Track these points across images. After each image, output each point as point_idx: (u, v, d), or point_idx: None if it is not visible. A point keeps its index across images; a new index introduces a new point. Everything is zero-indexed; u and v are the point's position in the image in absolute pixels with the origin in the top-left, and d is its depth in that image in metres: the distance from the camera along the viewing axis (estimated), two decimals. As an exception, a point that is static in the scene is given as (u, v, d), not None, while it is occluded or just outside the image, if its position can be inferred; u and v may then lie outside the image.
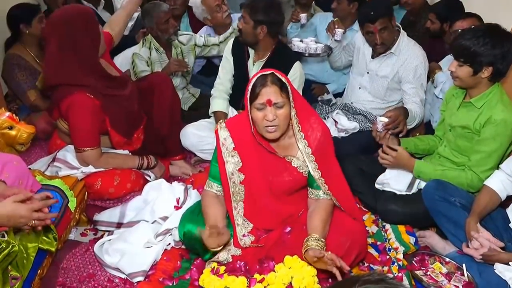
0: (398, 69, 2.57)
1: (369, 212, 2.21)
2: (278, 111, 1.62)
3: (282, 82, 1.62)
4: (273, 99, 1.60)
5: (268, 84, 1.60)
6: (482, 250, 1.74)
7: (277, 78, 1.62)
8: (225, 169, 1.75)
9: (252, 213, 1.79)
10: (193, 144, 2.60)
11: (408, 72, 2.54)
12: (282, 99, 1.61)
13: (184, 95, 3.20)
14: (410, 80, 2.53)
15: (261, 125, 1.63)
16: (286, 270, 1.62)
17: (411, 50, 2.56)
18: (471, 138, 1.98)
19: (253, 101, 1.62)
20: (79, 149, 2.12)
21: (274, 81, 1.61)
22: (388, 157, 2.07)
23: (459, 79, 1.93)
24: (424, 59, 2.57)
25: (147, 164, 2.28)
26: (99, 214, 2.11)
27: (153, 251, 1.88)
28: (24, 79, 2.92)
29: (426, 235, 2.02)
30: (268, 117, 1.60)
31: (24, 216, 1.38)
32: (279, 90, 1.60)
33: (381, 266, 1.87)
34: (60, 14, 2.04)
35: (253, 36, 2.46)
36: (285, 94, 1.62)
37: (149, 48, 2.94)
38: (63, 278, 1.83)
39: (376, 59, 2.65)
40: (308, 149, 1.70)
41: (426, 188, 1.99)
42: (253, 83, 1.62)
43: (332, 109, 2.87)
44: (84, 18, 2.00)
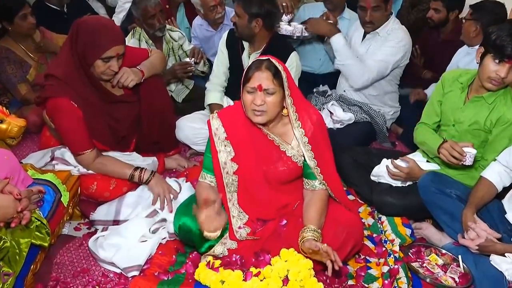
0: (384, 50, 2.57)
1: (365, 204, 2.20)
2: (268, 97, 1.61)
3: (277, 69, 1.61)
4: (263, 85, 1.59)
5: (261, 69, 1.60)
6: (478, 241, 1.74)
7: (272, 64, 1.61)
8: (218, 158, 1.73)
9: (247, 203, 1.78)
10: (187, 137, 2.57)
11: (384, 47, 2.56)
12: (273, 86, 1.60)
13: (178, 87, 3.16)
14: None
15: (249, 108, 1.64)
16: (282, 263, 1.62)
17: (397, 32, 2.58)
18: (478, 135, 1.96)
19: (245, 83, 1.62)
20: (72, 153, 2.09)
21: (268, 67, 1.60)
22: (401, 174, 2.05)
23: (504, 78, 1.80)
24: (406, 42, 2.57)
25: (138, 179, 2.06)
26: (94, 213, 2.06)
27: (148, 245, 1.86)
28: (14, 72, 2.86)
29: (422, 227, 2.02)
30: (256, 101, 1.60)
31: (8, 206, 1.39)
32: (271, 77, 1.60)
33: (377, 258, 1.87)
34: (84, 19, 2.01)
35: (248, 30, 2.43)
36: (277, 81, 1.61)
37: (139, 40, 2.90)
38: (56, 273, 1.82)
39: (364, 41, 2.65)
40: (305, 138, 1.69)
41: (422, 180, 1.98)
42: (249, 65, 1.62)
43: (327, 100, 2.85)
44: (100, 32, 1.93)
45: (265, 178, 1.75)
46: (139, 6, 2.78)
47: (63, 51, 2.02)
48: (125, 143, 2.24)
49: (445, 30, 3.02)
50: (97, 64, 1.95)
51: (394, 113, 2.85)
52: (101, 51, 1.92)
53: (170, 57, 3.02)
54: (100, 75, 1.99)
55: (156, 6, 2.78)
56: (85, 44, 1.92)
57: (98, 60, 1.94)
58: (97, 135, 2.08)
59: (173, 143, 2.51)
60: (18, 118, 2.40)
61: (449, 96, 2.06)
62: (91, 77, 2.00)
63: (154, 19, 2.80)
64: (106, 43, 1.92)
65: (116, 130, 2.15)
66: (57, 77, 1.96)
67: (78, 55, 1.95)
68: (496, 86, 1.84)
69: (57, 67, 2.00)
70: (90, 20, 2.01)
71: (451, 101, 2.05)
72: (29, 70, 2.90)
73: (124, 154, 2.20)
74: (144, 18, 2.80)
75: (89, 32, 1.92)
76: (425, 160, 2.18)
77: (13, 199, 1.43)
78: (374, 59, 2.57)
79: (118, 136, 2.18)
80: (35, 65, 2.93)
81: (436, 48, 2.99)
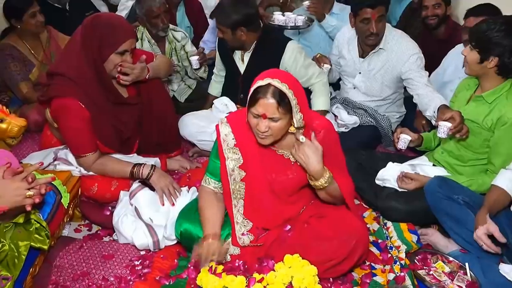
0: (393, 64, 2.52)
1: (370, 209, 2.17)
2: (272, 123, 1.56)
3: (284, 96, 1.53)
4: (268, 114, 1.53)
5: (267, 97, 1.52)
6: None
7: (278, 90, 1.52)
8: (226, 165, 1.70)
9: (252, 212, 1.74)
10: (191, 134, 2.56)
11: (404, 63, 2.48)
12: (278, 115, 1.54)
13: (180, 87, 3.14)
14: (412, 68, 2.47)
15: (254, 130, 1.60)
16: (286, 269, 1.58)
17: (400, 41, 2.52)
18: (478, 133, 1.95)
19: (251, 106, 1.56)
20: (74, 155, 2.07)
21: (274, 94, 1.52)
22: (410, 185, 2.04)
23: (468, 64, 1.92)
24: (418, 49, 2.52)
25: (139, 174, 2.03)
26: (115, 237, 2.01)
27: None
28: (17, 70, 2.84)
29: (428, 233, 1.98)
30: (260, 127, 1.56)
31: (17, 187, 1.37)
32: (276, 105, 1.52)
33: (383, 265, 1.83)
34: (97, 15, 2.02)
35: (236, 40, 2.42)
36: (283, 109, 1.53)
37: (141, 39, 2.88)
38: (56, 277, 1.79)
39: (367, 58, 2.59)
40: None
41: (429, 185, 1.95)
42: (255, 89, 1.55)
43: (332, 103, 2.81)
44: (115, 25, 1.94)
45: (272, 187, 1.71)
46: (144, 5, 2.76)
47: (72, 49, 1.99)
48: (128, 145, 2.21)
49: (439, 32, 2.98)
50: (111, 59, 1.95)
51: (399, 117, 2.82)
52: (117, 44, 1.93)
53: (172, 57, 3.00)
54: (112, 71, 1.98)
55: (160, 6, 2.76)
56: (101, 39, 1.91)
57: (113, 54, 1.94)
58: (102, 137, 2.05)
59: (175, 144, 2.47)
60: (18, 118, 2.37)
61: (459, 96, 2.10)
62: (102, 75, 1.98)
63: (158, 19, 2.78)
64: (122, 36, 1.94)
65: (121, 131, 2.12)
66: (66, 76, 1.93)
67: (92, 50, 1.93)
68: (466, 70, 1.97)
69: (65, 65, 1.97)
70: (104, 16, 2.04)
71: (459, 100, 2.09)
72: (33, 69, 2.89)
73: (126, 157, 2.17)
74: (148, 18, 2.78)
75: (105, 26, 1.93)
76: (431, 164, 2.15)
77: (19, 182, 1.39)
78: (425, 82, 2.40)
79: (122, 138, 2.15)
80: (38, 65, 2.91)
81: (434, 48, 2.94)
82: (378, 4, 2.38)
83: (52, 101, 1.97)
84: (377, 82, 2.62)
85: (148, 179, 2.03)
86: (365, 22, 2.44)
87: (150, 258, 1.86)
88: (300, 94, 1.57)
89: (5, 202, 1.37)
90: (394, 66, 2.53)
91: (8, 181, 1.39)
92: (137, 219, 1.95)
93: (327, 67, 2.65)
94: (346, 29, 2.70)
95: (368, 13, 2.40)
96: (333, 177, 1.66)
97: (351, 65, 2.67)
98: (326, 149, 1.65)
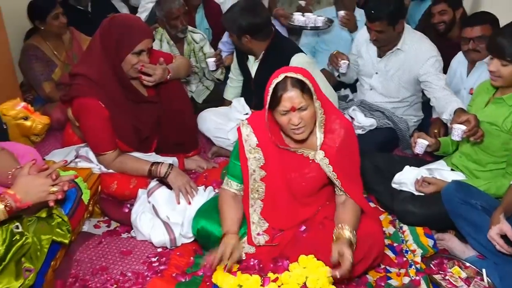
0: (411, 65, 2.51)
1: (386, 212, 2.16)
2: (303, 113, 1.58)
3: (303, 83, 1.57)
4: (296, 105, 1.56)
5: (289, 89, 1.55)
6: None
7: (295, 79, 1.56)
8: (247, 166, 1.72)
9: (269, 212, 1.76)
10: (209, 129, 2.62)
11: (422, 65, 2.47)
12: (305, 102, 1.57)
13: (198, 88, 3.18)
14: (429, 70, 2.46)
15: (288, 128, 1.61)
16: (301, 269, 1.59)
17: (419, 43, 2.51)
18: (497, 135, 1.93)
19: (276, 106, 1.58)
20: (94, 153, 2.12)
21: (294, 84, 1.56)
22: (427, 189, 2.03)
23: (503, 79, 1.88)
24: (436, 52, 2.50)
25: (157, 173, 2.07)
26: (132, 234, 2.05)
27: None
28: (40, 70, 2.92)
29: (445, 238, 1.97)
30: (294, 121, 1.58)
31: (41, 184, 1.41)
32: (300, 93, 1.56)
33: (398, 268, 1.83)
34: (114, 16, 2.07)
35: (242, 46, 2.46)
36: (307, 95, 1.57)
37: (160, 40, 2.93)
38: (76, 270, 1.83)
39: (384, 58, 2.59)
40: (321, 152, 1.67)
41: (446, 190, 1.93)
42: (273, 88, 1.57)
43: (348, 105, 2.81)
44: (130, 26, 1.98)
45: (290, 188, 1.73)
46: (164, 7, 2.81)
47: (92, 50, 2.05)
48: (147, 144, 2.26)
49: (452, 35, 2.95)
50: (128, 59, 1.98)
51: (417, 121, 2.80)
52: (133, 44, 1.96)
53: (190, 58, 3.04)
54: (130, 70, 2.02)
55: (180, 8, 2.82)
56: (117, 39, 1.96)
57: (130, 54, 1.97)
58: (122, 136, 2.10)
59: (192, 144, 2.51)
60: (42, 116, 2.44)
61: (477, 100, 2.08)
62: (121, 75, 2.02)
63: (177, 20, 2.83)
64: (138, 36, 1.97)
65: (140, 130, 2.17)
66: (87, 76, 1.98)
67: (110, 51, 1.98)
68: (497, 83, 1.92)
69: (87, 66, 2.02)
70: (120, 16, 2.07)
71: (477, 103, 2.07)
72: (55, 69, 2.96)
73: (145, 155, 2.21)
74: (167, 19, 2.83)
75: (121, 27, 1.97)
76: (449, 168, 2.14)
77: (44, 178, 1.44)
78: (444, 86, 2.40)
79: (141, 137, 2.19)
80: (61, 65, 2.99)
81: (447, 52, 2.90)
82: (375, 21, 2.42)
83: (74, 100, 2.02)
84: (394, 82, 2.61)
85: (165, 177, 2.06)
86: (368, 29, 2.51)
87: (167, 255, 1.89)
88: (315, 83, 1.61)
89: (30, 198, 1.41)
90: (411, 67, 2.52)
91: (33, 177, 1.44)
92: (154, 216, 1.99)
93: (345, 63, 2.65)
94: (365, 29, 2.71)
95: (369, 25, 2.46)
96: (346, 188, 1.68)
97: (368, 64, 2.68)
98: (344, 150, 1.66)
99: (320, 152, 1.67)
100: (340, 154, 1.67)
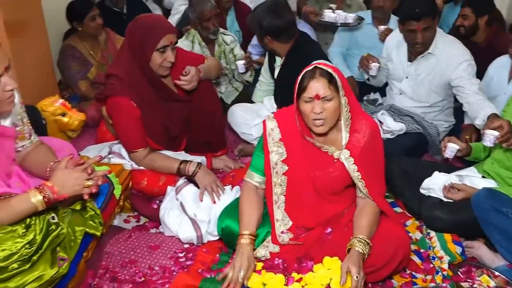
0: (442, 69, 2.47)
1: (413, 217, 2.13)
2: (326, 104, 1.60)
3: (331, 75, 1.60)
4: (320, 93, 1.59)
5: (316, 77, 1.59)
6: None
7: (325, 71, 1.60)
8: (269, 159, 1.74)
9: (293, 208, 1.77)
10: (236, 123, 2.75)
11: (454, 69, 2.43)
12: (331, 92, 1.60)
13: (228, 89, 3.23)
14: (462, 75, 2.41)
15: (309, 117, 1.63)
16: (325, 271, 1.60)
17: (451, 47, 2.47)
18: None
19: (301, 93, 1.62)
20: (126, 150, 2.19)
21: (322, 74, 1.60)
22: (457, 195, 1.99)
23: None
24: (469, 56, 2.45)
25: (185, 171, 2.12)
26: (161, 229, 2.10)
27: None
28: (77, 69, 3.04)
29: (474, 246, 1.92)
30: (316, 109, 1.60)
31: (77, 177, 1.48)
32: (327, 83, 1.59)
33: (424, 274, 1.80)
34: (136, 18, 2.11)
35: (265, 45, 2.51)
36: (333, 87, 1.60)
37: (192, 42, 2.99)
38: (106, 262, 1.90)
39: (415, 62, 2.55)
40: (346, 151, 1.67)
41: (476, 196, 1.89)
42: (302, 75, 1.62)
43: (377, 110, 2.79)
44: (151, 25, 2.03)
45: (314, 184, 1.74)
46: (196, 9, 2.88)
47: (122, 52, 2.12)
48: (176, 143, 2.31)
49: (477, 39, 2.88)
50: (154, 57, 2.03)
51: (448, 126, 2.75)
52: (155, 41, 1.99)
53: (221, 59, 3.10)
54: (158, 69, 2.07)
55: (212, 10, 2.88)
56: (140, 40, 2.01)
57: (155, 53, 2.02)
58: (152, 134, 2.16)
59: (221, 144, 2.55)
60: (78, 112, 2.54)
61: None
62: (150, 74, 2.08)
63: (209, 22, 2.89)
64: (159, 33, 2.00)
65: (170, 129, 2.22)
66: (119, 77, 2.06)
67: (135, 51, 2.04)
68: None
69: (118, 67, 2.09)
70: (141, 17, 2.10)
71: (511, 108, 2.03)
72: (91, 68, 3.08)
73: (174, 154, 2.27)
74: (200, 21, 2.90)
75: (141, 27, 2.02)
76: (481, 175, 2.09)
77: (80, 172, 1.50)
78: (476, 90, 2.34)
79: (171, 135, 2.25)
80: (96, 65, 3.10)
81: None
82: (423, 17, 2.36)
83: (107, 99, 2.10)
84: (424, 87, 2.58)
85: (193, 176, 2.12)
86: (410, 32, 2.43)
87: (194, 251, 1.94)
88: (344, 80, 1.63)
89: (66, 190, 1.48)
90: (443, 72, 2.48)
91: (70, 171, 1.51)
92: (182, 213, 2.04)
93: (376, 65, 2.63)
94: (396, 32, 2.68)
95: (414, 25, 2.39)
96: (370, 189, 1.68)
97: (398, 68, 2.65)
98: (368, 151, 1.67)
99: (345, 152, 1.68)
100: (365, 154, 1.67)
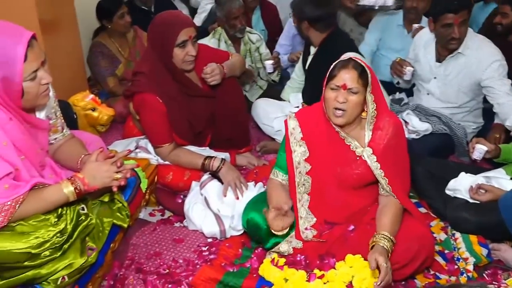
0: (472, 70, 2.41)
1: (438, 218, 2.10)
2: (351, 96, 1.61)
3: (363, 68, 1.61)
4: (348, 84, 1.60)
5: (348, 67, 1.61)
6: None
7: (358, 64, 1.61)
8: (292, 158, 1.76)
9: (317, 206, 1.78)
10: (258, 115, 2.83)
11: (485, 70, 2.37)
12: (358, 86, 1.60)
13: (252, 87, 3.25)
14: (493, 75, 2.35)
15: (331, 105, 1.64)
16: (347, 268, 1.60)
17: (481, 47, 2.41)
18: None
19: (330, 80, 1.63)
20: (152, 145, 2.24)
21: (355, 66, 1.61)
22: (483, 197, 1.96)
23: None
24: (501, 56, 2.38)
25: (209, 167, 2.16)
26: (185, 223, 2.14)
27: None
28: (106, 66, 3.13)
29: (500, 248, 1.89)
30: (339, 98, 1.61)
31: (107, 170, 1.53)
32: (357, 76, 1.60)
33: (448, 275, 1.78)
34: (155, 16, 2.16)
35: (301, 31, 2.53)
36: (362, 81, 1.61)
37: (218, 40, 3.03)
38: (132, 254, 1.95)
39: (444, 62, 2.50)
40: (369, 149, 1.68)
41: (504, 198, 1.85)
42: (335, 64, 1.64)
43: (403, 109, 2.76)
44: (167, 22, 2.06)
45: (338, 181, 1.74)
46: (224, 7, 2.92)
47: (147, 50, 2.18)
48: (201, 138, 2.35)
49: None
50: (176, 53, 2.06)
51: (476, 128, 2.69)
52: (174, 38, 2.02)
53: (246, 58, 3.12)
54: (182, 64, 2.10)
55: (239, 8, 2.92)
56: (160, 38, 2.05)
57: (175, 48, 2.05)
58: (178, 130, 2.21)
59: (245, 141, 2.58)
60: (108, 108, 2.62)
61: None
62: (174, 70, 2.12)
63: (236, 20, 2.93)
64: (178, 28, 2.03)
65: (194, 125, 2.27)
66: (145, 74, 2.11)
67: (157, 49, 2.08)
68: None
69: (144, 65, 2.15)
70: (159, 15, 2.14)
71: None
72: (119, 65, 3.16)
73: (199, 149, 2.30)
74: (227, 19, 2.94)
75: (161, 25, 2.06)
76: (509, 177, 2.05)
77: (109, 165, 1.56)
78: (508, 92, 2.32)
79: (195, 131, 2.29)
80: (124, 62, 3.18)
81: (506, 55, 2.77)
82: (461, 9, 2.30)
83: (134, 96, 2.16)
84: (453, 88, 2.53)
85: (217, 171, 2.15)
86: (446, 27, 2.36)
87: (217, 245, 1.96)
88: (375, 78, 1.64)
89: (96, 182, 1.54)
90: (473, 72, 2.43)
91: (100, 163, 1.56)
92: (206, 208, 2.07)
93: (410, 69, 2.61)
94: (424, 31, 2.64)
95: (450, 19, 2.33)
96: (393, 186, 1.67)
97: (426, 69, 2.60)
98: (391, 148, 1.66)
99: (368, 149, 1.68)
100: (388, 152, 1.67)
